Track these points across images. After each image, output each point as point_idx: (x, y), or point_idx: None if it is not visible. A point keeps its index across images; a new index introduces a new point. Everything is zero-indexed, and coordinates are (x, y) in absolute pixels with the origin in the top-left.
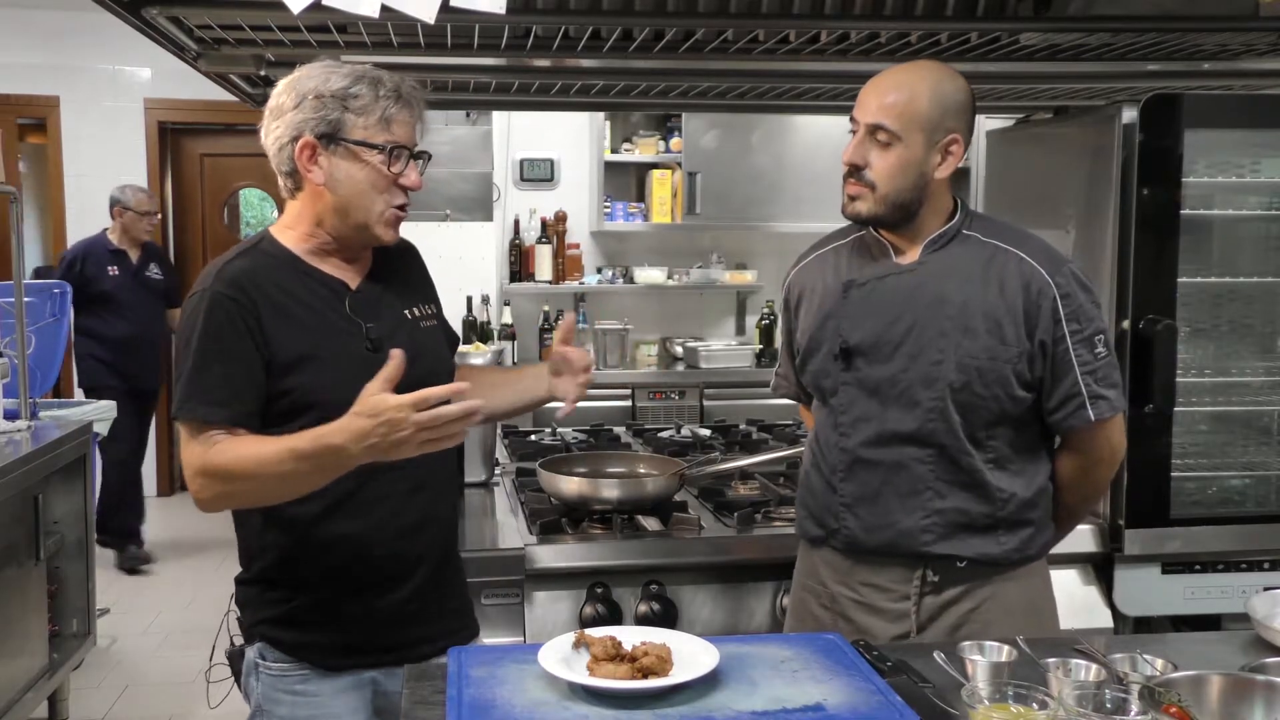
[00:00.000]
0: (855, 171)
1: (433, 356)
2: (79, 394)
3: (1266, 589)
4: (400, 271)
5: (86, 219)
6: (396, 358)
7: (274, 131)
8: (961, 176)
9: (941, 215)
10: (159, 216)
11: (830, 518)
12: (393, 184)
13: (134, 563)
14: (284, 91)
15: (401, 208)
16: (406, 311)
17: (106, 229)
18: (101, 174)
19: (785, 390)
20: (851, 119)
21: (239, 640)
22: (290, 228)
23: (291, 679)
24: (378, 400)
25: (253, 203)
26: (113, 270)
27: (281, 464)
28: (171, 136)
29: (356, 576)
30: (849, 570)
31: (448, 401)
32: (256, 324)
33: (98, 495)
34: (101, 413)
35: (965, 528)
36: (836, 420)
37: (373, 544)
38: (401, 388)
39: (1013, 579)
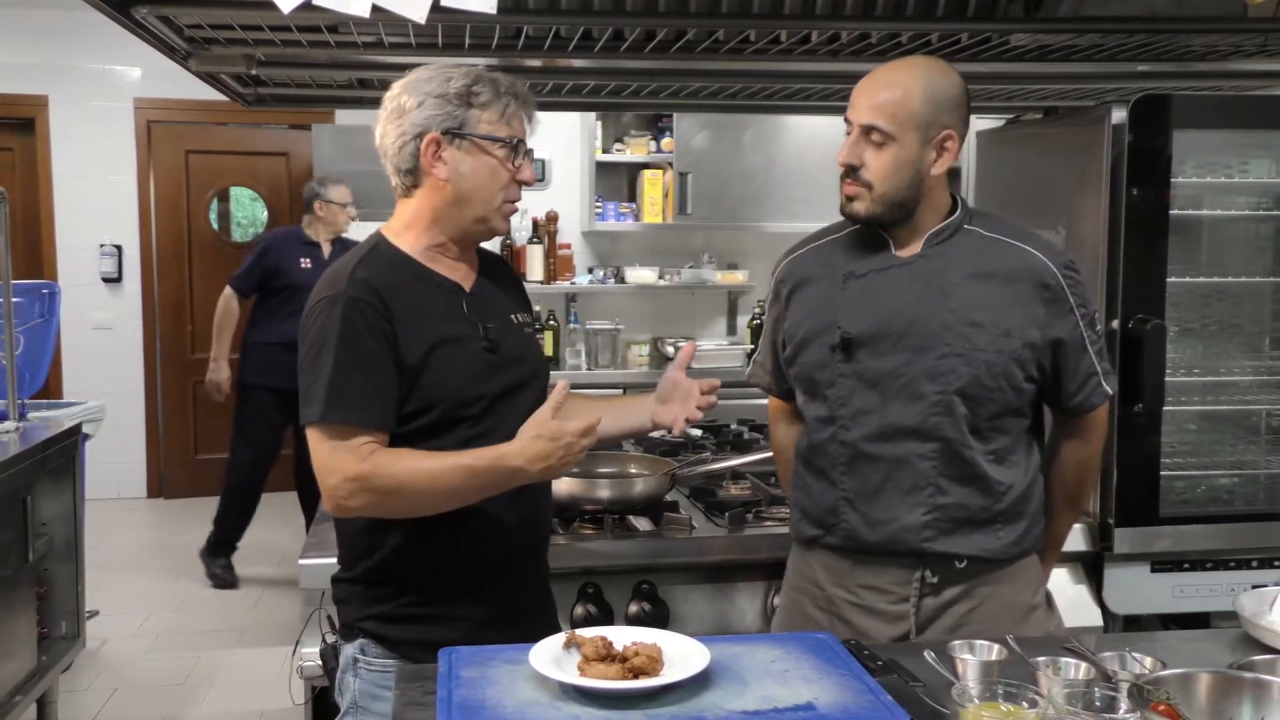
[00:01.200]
0: (851, 172)
1: (536, 359)
2: (68, 395)
3: (1254, 587)
4: (500, 278)
5: (74, 219)
6: (563, 388)
7: (395, 130)
8: (952, 176)
9: (940, 212)
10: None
11: (828, 514)
12: (512, 179)
13: (224, 580)
14: (402, 93)
15: (515, 201)
16: (513, 316)
17: (301, 223)
18: (90, 174)
19: (760, 379)
20: (845, 119)
21: (331, 637)
22: (407, 228)
23: (393, 675)
24: (558, 426)
25: (244, 203)
26: (305, 262)
27: (452, 480)
28: (158, 135)
29: (467, 574)
30: (847, 572)
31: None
32: (391, 329)
33: (222, 505)
34: (90, 413)
35: (966, 523)
36: (834, 414)
37: (485, 541)
38: (510, 387)
39: (1009, 578)
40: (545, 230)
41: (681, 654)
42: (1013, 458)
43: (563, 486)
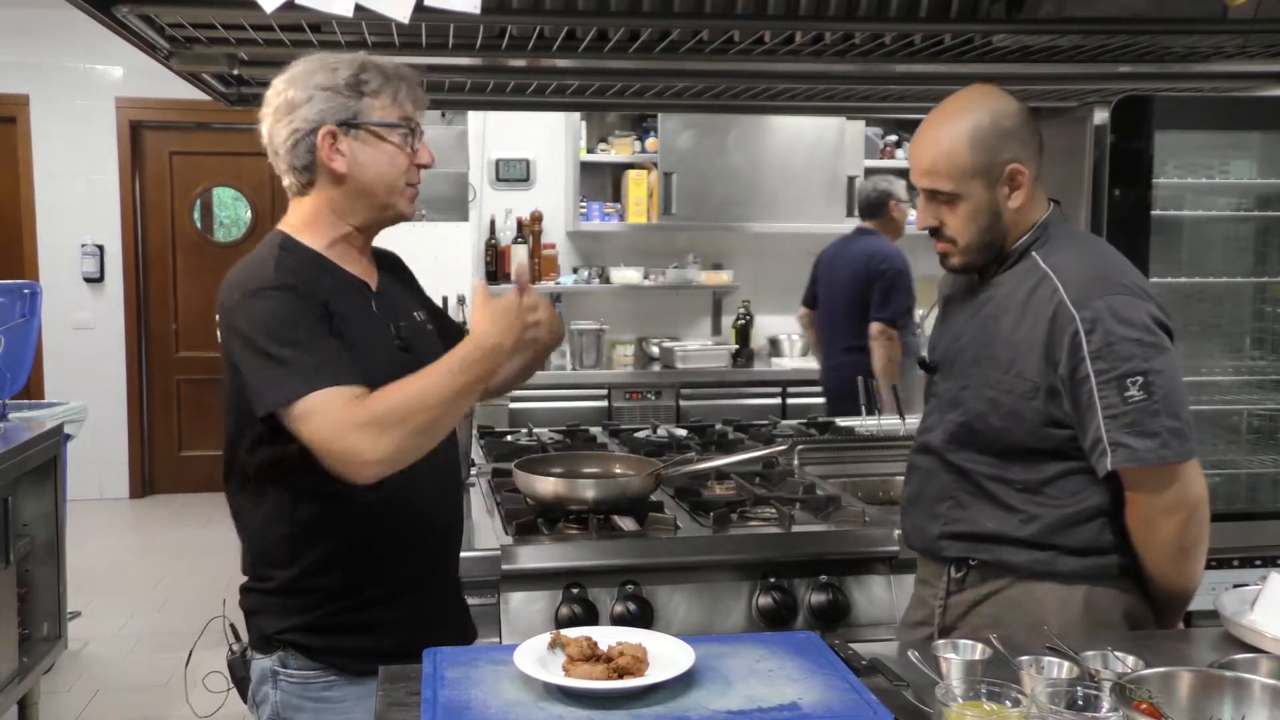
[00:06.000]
0: (934, 232)
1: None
2: (50, 395)
3: (1235, 586)
4: (398, 277)
5: (56, 218)
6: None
7: (285, 128)
8: None
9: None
10: None
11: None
12: (410, 163)
13: None
14: (287, 88)
15: (415, 184)
16: (415, 314)
17: (865, 227)
18: (71, 173)
19: None
20: (909, 183)
21: (238, 647)
22: (308, 225)
23: (315, 686)
24: (509, 300)
25: (226, 202)
26: None
27: (447, 382)
28: (140, 134)
29: (390, 580)
30: (918, 566)
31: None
32: (325, 313)
33: None
34: (72, 414)
35: (982, 539)
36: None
37: (405, 547)
38: None
39: (1042, 592)
40: (530, 230)
41: (666, 654)
42: (1050, 491)
43: (548, 487)
